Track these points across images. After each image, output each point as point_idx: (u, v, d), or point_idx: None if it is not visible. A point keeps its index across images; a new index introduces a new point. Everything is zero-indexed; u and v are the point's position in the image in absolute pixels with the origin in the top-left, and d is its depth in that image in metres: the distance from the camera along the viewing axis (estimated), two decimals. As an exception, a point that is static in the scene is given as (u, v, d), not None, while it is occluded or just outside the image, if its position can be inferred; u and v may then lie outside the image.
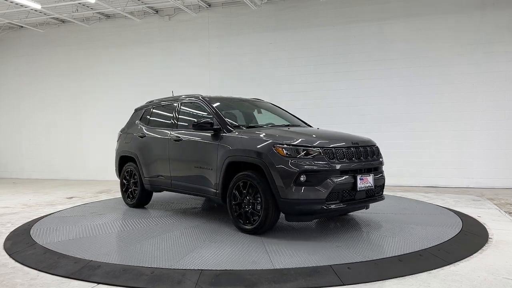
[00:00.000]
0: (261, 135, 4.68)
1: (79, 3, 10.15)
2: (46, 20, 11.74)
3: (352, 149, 4.57)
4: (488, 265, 3.68)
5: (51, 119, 12.26)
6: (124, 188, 6.68)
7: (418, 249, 4.01)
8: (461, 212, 5.89)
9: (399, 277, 3.40)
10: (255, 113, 6.20)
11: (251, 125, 5.52)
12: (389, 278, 3.37)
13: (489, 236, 4.62)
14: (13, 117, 12.74)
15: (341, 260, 3.72)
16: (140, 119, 6.66)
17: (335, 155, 4.41)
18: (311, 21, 9.89)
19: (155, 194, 6.83)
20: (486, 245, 4.29)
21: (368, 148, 4.79)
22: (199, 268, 3.57)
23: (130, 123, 6.87)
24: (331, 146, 4.44)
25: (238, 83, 10.36)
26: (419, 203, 6.76)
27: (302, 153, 4.32)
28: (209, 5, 10.61)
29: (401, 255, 3.87)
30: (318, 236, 4.58)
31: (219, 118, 5.20)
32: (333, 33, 9.73)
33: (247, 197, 4.63)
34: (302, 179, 4.22)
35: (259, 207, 4.51)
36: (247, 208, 4.64)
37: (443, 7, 9.01)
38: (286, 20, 10.09)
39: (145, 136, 6.28)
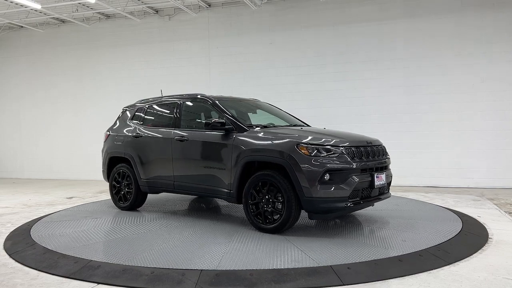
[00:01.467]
0: (283, 135, 4.74)
1: (79, 3, 10.15)
2: (46, 20, 11.74)
3: (368, 148, 4.76)
4: (488, 265, 3.68)
5: (51, 119, 12.26)
6: (115, 191, 6.41)
7: (418, 249, 4.01)
8: (461, 212, 5.89)
9: (399, 277, 3.40)
10: (250, 113, 6.11)
11: (264, 125, 5.44)
12: (389, 278, 3.37)
13: (489, 236, 4.62)
14: (13, 117, 12.73)
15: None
16: (133, 119, 6.44)
17: (355, 154, 4.55)
18: (311, 21, 9.89)
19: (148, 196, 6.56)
20: (486, 245, 4.29)
21: (379, 147, 5.01)
22: (199, 268, 3.57)
23: (120, 123, 6.62)
24: (351, 145, 4.58)
25: (238, 83, 10.36)
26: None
27: (326, 152, 4.42)
28: (209, 5, 10.62)
29: (401, 255, 3.87)
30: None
31: (231, 118, 5.17)
32: (333, 33, 9.73)
33: (266, 197, 4.64)
34: (326, 177, 4.31)
35: (279, 206, 4.56)
36: (266, 207, 4.66)
37: (443, 7, 9.01)
38: (286, 20, 10.09)
39: (141, 136, 6.07)
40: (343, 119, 9.48)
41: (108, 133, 6.69)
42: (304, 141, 4.51)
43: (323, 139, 4.59)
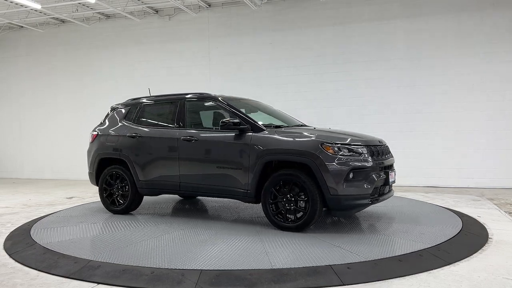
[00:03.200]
0: (305, 135, 4.84)
1: (79, 3, 10.15)
2: (46, 20, 11.74)
3: (379, 147, 4.98)
4: (488, 265, 3.68)
5: (52, 119, 12.25)
6: (107, 194, 6.09)
7: (418, 249, 4.01)
8: (461, 212, 5.89)
9: (399, 277, 3.40)
10: (251, 113, 6.00)
11: (277, 125, 5.44)
12: (389, 278, 3.37)
13: (489, 236, 4.62)
14: (13, 117, 12.74)
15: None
16: (125, 118, 6.16)
17: (373, 153, 4.76)
18: (311, 21, 9.89)
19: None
20: (486, 245, 4.29)
21: (386, 147, 5.28)
22: (199, 268, 3.57)
23: (111, 122, 6.29)
24: (369, 144, 4.80)
25: (238, 83, 10.36)
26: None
27: (349, 151, 4.58)
28: (209, 5, 10.62)
29: (401, 255, 3.87)
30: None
31: (246, 117, 5.17)
32: (333, 33, 9.73)
33: (288, 195, 4.68)
34: (350, 176, 4.47)
35: (303, 204, 4.64)
36: (288, 206, 4.70)
37: (443, 7, 9.01)
38: (286, 20, 10.09)
39: (139, 136, 5.81)
40: (343, 119, 9.48)
41: (95, 133, 6.35)
42: (329, 140, 4.61)
43: (346, 139, 4.73)
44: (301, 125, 5.84)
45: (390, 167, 5.10)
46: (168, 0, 10.04)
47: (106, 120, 6.42)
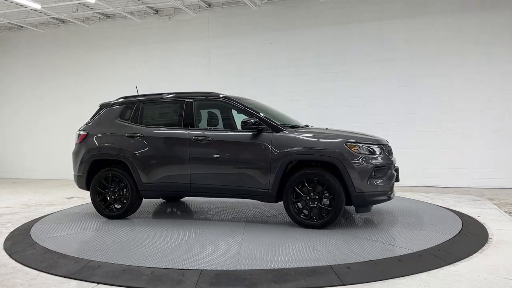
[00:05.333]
0: (328, 134, 5.05)
1: (79, 3, 10.15)
2: (46, 20, 11.74)
3: (388, 146, 5.22)
4: (488, 265, 3.68)
5: (51, 119, 12.24)
6: (101, 198, 5.72)
7: (418, 249, 4.01)
8: (461, 212, 5.89)
9: (399, 277, 3.40)
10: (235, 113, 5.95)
11: (292, 125, 5.45)
12: (389, 278, 3.37)
13: (489, 236, 4.62)
14: (13, 117, 12.73)
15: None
16: (121, 117, 5.81)
17: (387, 152, 5.06)
18: (311, 21, 9.89)
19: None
20: (486, 245, 4.29)
21: (391, 147, 5.40)
22: (199, 268, 3.57)
23: (103, 121, 5.90)
24: (382, 144, 5.06)
25: (238, 83, 10.36)
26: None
27: (370, 150, 4.84)
28: (209, 5, 10.61)
29: (401, 255, 3.87)
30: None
31: (264, 118, 5.16)
32: (333, 33, 9.73)
33: (311, 194, 4.81)
34: (373, 173, 4.74)
35: (327, 202, 4.80)
36: (312, 204, 4.82)
37: (443, 7, 9.01)
38: (286, 20, 10.09)
39: (141, 136, 5.54)
40: (343, 119, 9.47)
41: (84, 133, 5.92)
42: (352, 140, 4.84)
43: (365, 138, 5.02)
44: (305, 126, 5.84)
45: (395, 165, 5.31)
46: (168, 0, 10.04)
47: (96, 119, 6.02)
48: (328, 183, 4.72)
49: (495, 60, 8.67)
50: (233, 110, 5.61)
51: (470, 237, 4.57)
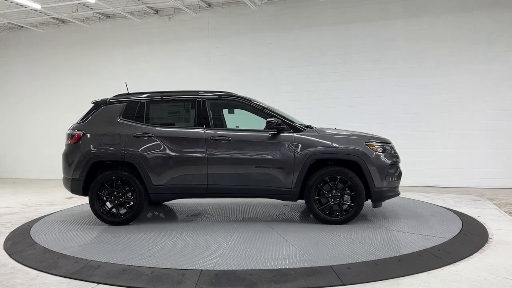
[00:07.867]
0: (347, 134, 5.31)
1: (79, 3, 10.15)
2: (46, 20, 11.74)
3: (392, 145, 5.47)
4: (488, 265, 3.68)
5: (51, 119, 12.24)
6: (102, 204, 5.30)
7: (418, 249, 4.01)
8: (461, 212, 5.89)
9: (399, 277, 3.40)
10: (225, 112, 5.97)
11: (308, 125, 5.51)
12: (389, 278, 3.37)
13: (489, 236, 4.62)
14: (13, 117, 12.72)
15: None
16: (123, 116, 5.46)
17: (395, 151, 5.41)
18: (311, 21, 9.89)
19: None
20: (486, 245, 4.30)
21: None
22: (199, 268, 3.57)
23: (102, 120, 5.52)
24: (388, 142, 5.40)
25: (238, 83, 10.36)
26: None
27: (386, 149, 5.19)
28: (209, 5, 10.62)
29: (401, 255, 3.87)
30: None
31: (284, 118, 5.27)
32: (333, 33, 9.73)
33: (333, 191, 5.03)
34: (390, 170, 5.12)
35: (348, 199, 5.05)
36: (334, 201, 5.04)
37: (443, 7, 9.01)
38: (286, 20, 10.09)
39: (150, 136, 5.23)
40: (343, 119, 9.46)
41: (80, 132, 5.57)
42: (371, 140, 5.19)
43: (378, 138, 5.33)
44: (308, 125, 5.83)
45: None
46: (168, 0, 10.04)
47: (91, 118, 5.65)
48: (351, 180, 4.98)
49: (495, 60, 8.67)
50: (244, 110, 5.54)
51: (470, 237, 4.57)
